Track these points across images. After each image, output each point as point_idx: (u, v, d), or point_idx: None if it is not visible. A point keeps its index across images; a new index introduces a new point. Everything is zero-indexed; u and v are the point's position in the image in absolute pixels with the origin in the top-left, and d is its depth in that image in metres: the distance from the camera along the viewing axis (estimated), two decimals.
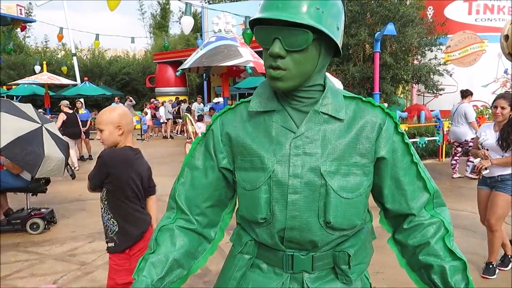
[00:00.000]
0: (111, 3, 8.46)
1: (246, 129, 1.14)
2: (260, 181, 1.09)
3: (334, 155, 1.07)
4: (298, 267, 1.12)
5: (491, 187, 3.54)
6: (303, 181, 1.05)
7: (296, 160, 1.06)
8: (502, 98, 3.50)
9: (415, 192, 1.16)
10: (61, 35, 17.95)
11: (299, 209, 1.06)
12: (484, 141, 3.60)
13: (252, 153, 1.11)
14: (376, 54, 9.45)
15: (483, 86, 13.92)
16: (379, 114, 1.12)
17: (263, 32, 1.02)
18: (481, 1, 13.83)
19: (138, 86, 26.25)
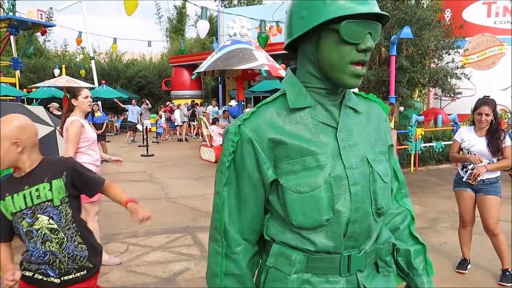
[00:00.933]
0: (128, 8, 8.60)
1: (286, 129, 1.08)
2: (319, 180, 1.05)
3: (369, 144, 1.14)
4: (355, 267, 1.10)
5: (476, 190, 3.57)
6: (358, 172, 1.08)
7: (346, 153, 1.08)
8: (486, 105, 3.47)
9: (394, 177, 1.30)
10: (80, 39, 18.31)
11: (360, 200, 1.08)
12: (471, 147, 3.58)
13: (303, 152, 1.06)
14: (392, 57, 9.36)
15: (502, 90, 13.64)
16: (380, 108, 1.26)
17: (357, 26, 1.00)
18: (500, 3, 13.59)
19: (154, 89, 26.55)
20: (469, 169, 3.56)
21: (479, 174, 3.46)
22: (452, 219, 5.35)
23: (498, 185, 3.54)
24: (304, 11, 1.04)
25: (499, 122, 3.56)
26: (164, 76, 25.78)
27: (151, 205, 6.29)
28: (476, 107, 3.54)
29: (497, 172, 3.54)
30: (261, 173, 1.08)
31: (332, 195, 1.05)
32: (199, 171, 9.44)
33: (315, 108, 1.10)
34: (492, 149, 3.47)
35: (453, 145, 3.78)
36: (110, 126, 19.34)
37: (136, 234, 4.97)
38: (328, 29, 1.02)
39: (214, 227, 1.14)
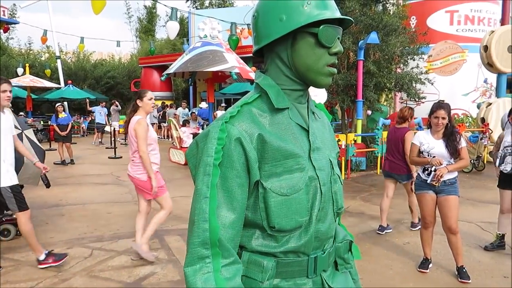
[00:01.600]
0: (96, 6, 8.41)
1: (270, 130, 1.05)
2: (301, 182, 1.06)
3: (329, 148, 1.21)
4: (320, 268, 1.14)
5: (437, 191, 3.70)
6: (325, 173, 1.13)
7: (315, 155, 1.12)
8: (442, 109, 3.61)
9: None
10: (45, 38, 17.75)
11: (326, 200, 1.13)
12: (431, 150, 3.70)
13: (286, 155, 1.05)
14: (360, 62, 9.58)
15: (464, 95, 14.21)
16: (325, 115, 1.34)
17: (332, 31, 1.07)
18: (462, 12, 14.16)
19: (123, 90, 26.03)
20: (432, 171, 3.69)
21: (442, 176, 3.58)
22: None
23: (457, 185, 3.71)
24: (283, 14, 1.05)
25: (453, 125, 3.71)
26: (134, 77, 25.34)
27: (117, 208, 6.16)
28: (432, 111, 3.67)
29: (455, 173, 3.70)
30: (250, 173, 1.01)
31: (309, 197, 1.08)
32: (168, 173, 9.32)
33: (292, 110, 1.12)
34: (451, 150, 3.62)
35: (412, 149, 3.88)
36: (76, 127, 18.81)
37: (101, 238, 4.85)
38: (305, 32, 1.06)
39: (201, 242, 0.96)
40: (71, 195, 7.13)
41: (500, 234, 4.42)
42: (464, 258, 3.89)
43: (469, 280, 3.63)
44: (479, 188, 7.53)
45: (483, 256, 4.26)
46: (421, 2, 14.24)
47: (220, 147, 0.99)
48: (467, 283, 3.61)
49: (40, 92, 21.92)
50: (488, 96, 14.17)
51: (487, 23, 14.34)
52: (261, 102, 1.09)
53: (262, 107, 1.08)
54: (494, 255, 4.29)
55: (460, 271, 3.71)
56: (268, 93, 1.08)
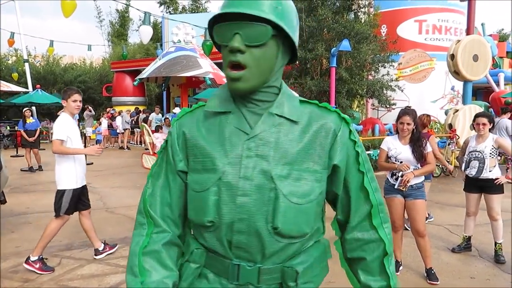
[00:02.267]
0: (66, 9, 8.23)
1: (200, 130, 1.12)
2: (209, 182, 1.06)
3: (286, 159, 1.05)
4: (244, 278, 1.08)
5: (405, 195, 3.78)
6: (254, 184, 1.04)
7: (248, 162, 1.04)
8: (406, 115, 3.73)
9: (358, 201, 1.15)
10: (12, 40, 17.23)
11: (248, 212, 1.04)
12: (398, 155, 3.79)
13: (204, 153, 1.09)
14: (332, 68, 9.74)
15: (432, 102, 14.65)
16: (334, 120, 1.12)
17: (223, 29, 1.02)
18: (430, 21, 14.65)
19: (94, 95, 25.51)
20: (399, 177, 3.78)
21: (409, 180, 3.68)
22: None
23: (423, 188, 3.82)
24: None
25: (420, 130, 3.83)
26: (105, 81, 24.88)
27: None
28: (398, 117, 3.80)
29: (422, 177, 3.81)
30: (175, 163, 1.15)
31: (219, 199, 1.05)
32: (140, 179, 9.17)
33: (235, 114, 1.09)
34: (417, 155, 3.72)
35: (380, 154, 3.99)
36: (45, 133, 18.28)
37: (70, 246, 4.71)
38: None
39: (139, 211, 1.20)
40: (39, 202, 6.90)
41: (467, 236, 4.56)
42: (432, 260, 4.00)
43: (438, 282, 3.72)
44: (447, 192, 7.76)
45: (451, 258, 4.39)
46: (391, 11, 14.65)
47: (166, 139, 1.20)
48: (436, 285, 3.71)
49: (7, 97, 21.18)
50: (455, 103, 14.67)
51: (454, 33, 14.88)
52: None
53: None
54: (461, 257, 4.42)
55: (429, 272, 3.80)
56: (212, 96, 1.15)
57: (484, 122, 4.30)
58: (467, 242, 4.57)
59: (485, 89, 17.58)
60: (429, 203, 6.76)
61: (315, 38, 10.94)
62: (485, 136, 4.33)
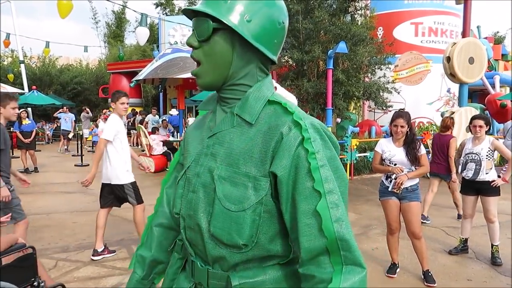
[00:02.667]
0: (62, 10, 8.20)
1: (192, 130, 1.21)
2: (179, 176, 1.13)
3: (229, 160, 0.99)
4: (197, 277, 1.08)
5: (400, 197, 3.78)
6: (200, 181, 1.04)
7: (203, 160, 1.07)
8: (400, 118, 3.73)
9: (307, 230, 0.89)
10: (8, 41, 17.14)
11: (194, 209, 1.04)
12: (392, 157, 3.78)
13: (186, 149, 1.18)
14: (329, 70, 9.76)
15: (428, 104, 14.71)
16: (287, 121, 0.95)
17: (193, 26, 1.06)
18: (426, 24, 14.71)
19: (90, 96, 25.46)
20: (392, 179, 3.78)
21: (402, 183, 3.68)
22: (384, 225, 5.61)
23: (418, 191, 3.80)
24: None
25: (414, 133, 3.82)
26: (102, 83, 24.83)
27: (84, 218, 5.97)
28: (392, 120, 3.80)
29: (416, 180, 3.80)
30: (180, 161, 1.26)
31: (183, 194, 1.09)
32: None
33: (214, 113, 1.13)
34: (411, 158, 3.72)
35: (374, 157, 3.97)
36: (41, 134, 18.19)
37: (66, 248, 4.69)
38: None
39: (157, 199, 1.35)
40: (35, 204, 6.86)
41: (463, 238, 4.58)
42: (430, 262, 4.01)
43: (435, 284, 3.73)
44: (444, 194, 7.77)
45: (447, 260, 4.40)
46: (387, 13, 14.70)
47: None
48: (433, 287, 3.71)
49: None
50: (451, 105, 14.73)
51: (450, 35, 14.95)
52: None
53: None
54: (458, 259, 4.43)
55: (426, 275, 3.80)
56: (205, 97, 1.24)
57: (480, 124, 4.32)
58: (464, 244, 4.58)
59: (480, 91, 17.66)
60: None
61: (312, 40, 10.96)
62: (482, 138, 4.35)
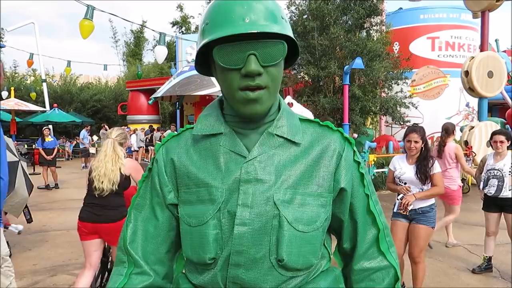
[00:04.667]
0: (84, 31, 8.46)
1: (190, 156, 1.01)
2: (208, 214, 0.94)
3: (288, 183, 0.95)
4: None
5: (410, 219, 3.52)
6: (254, 212, 0.92)
7: (247, 188, 0.93)
8: (414, 132, 3.49)
9: (365, 226, 1.05)
10: (31, 61, 17.72)
11: (246, 244, 0.92)
12: (402, 175, 3.56)
13: (198, 183, 0.98)
14: (345, 86, 9.76)
15: (447, 118, 14.49)
16: (338, 140, 1.03)
17: (230, 50, 0.89)
18: (443, 38, 14.64)
19: (109, 113, 25.94)
20: (398, 199, 3.53)
21: (408, 204, 3.40)
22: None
23: (432, 214, 3.50)
24: (199, 38, 0.97)
25: (428, 149, 3.56)
26: (120, 100, 25.30)
27: None
28: (405, 135, 3.56)
29: (431, 201, 3.51)
30: (163, 195, 1.03)
31: (221, 233, 0.94)
32: None
33: (228, 135, 0.99)
34: (420, 176, 3.45)
35: (388, 175, 3.79)
36: (61, 151, 18.57)
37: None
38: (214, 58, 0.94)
39: (119, 247, 1.06)
40: (55, 220, 6.97)
41: (487, 256, 4.45)
42: (452, 281, 3.91)
43: None
44: (465, 211, 7.61)
45: (471, 279, 4.28)
46: (403, 28, 14.70)
47: (149, 167, 1.07)
48: None
49: (25, 115, 21.70)
50: (470, 119, 14.51)
51: (467, 49, 14.83)
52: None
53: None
54: (482, 278, 4.31)
55: None
56: (198, 118, 1.04)
57: (501, 140, 4.24)
58: (488, 263, 4.45)
59: (500, 105, 17.36)
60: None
61: (328, 56, 11.01)
62: (504, 154, 4.27)
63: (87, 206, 3.21)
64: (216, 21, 0.91)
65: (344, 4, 11.45)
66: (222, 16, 0.90)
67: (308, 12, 11.57)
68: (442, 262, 4.74)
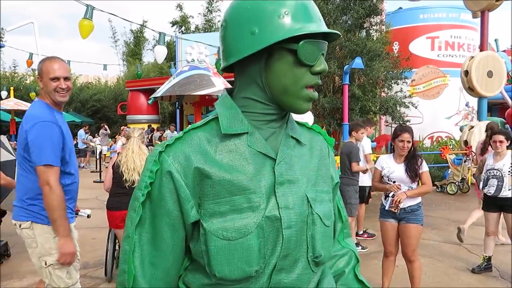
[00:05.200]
0: (84, 31, 8.45)
1: (214, 160, 0.89)
2: (251, 224, 0.86)
3: (311, 182, 0.98)
4: None
5: (399, 219, 3.54)
6: (295, 212, 0.91)
7: (283, 190, 0.91)
8: (407, 133, 3.53)
9: (336, 219, 1.14)
10: (31, 61, 17.69)
11: (292, 246, 0.90)
12: (391, 174, 3.59)
13: (233, 190, 0.88)
14: (345, 86, 9.75)
15: (447, 118, 14.52)
16: (324, 140, 1.11)
17: (313, 47, 0.90)
18: (443, 38, 14.64)
19: (109, 113, 25.93)
20: (389, 197, 3.55)
21: (400, 201, 3.44)
22: None
23: (420, 212, 3.55)
24: (255, 26, 0.87)
25: (415, 148, 3.63)
26: (120, 100, 25.28)
27: (103, 234, 6.03)
28: (397, 134, 3.57)
29: (418, 199, 3.56)
30: (183, 212, 0.89)
31: (264, 240, 0.87)
32: None
33: (253, 135, 0.92)
34: (410, 174, 3.50)
35: (374, 174, 3.80)
36: None
37: (86, 265, 4.73)
38: (283, 49, 0.89)
39: (121, 281, 0.92)
40: None
41: (487, 256, 4.46)
42: (452, 280, 3.92)
43: None
44: (465, 210, 7.61)
45: (471, 279, 4.28)
46: (403, 28, 14.69)
47: (150, 181, 0.89)
48: None
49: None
50: (470, 119, 14.51)
51: (467, 49, 14.83)
52: (214, 126, 0.94)
53: (213, 132, 0.93)
54: (482, 278, 4.31)
55: None
56: (219, 115, 0.93)
57: (501, 140, 4.25)
58: (488, 263, 4.46)
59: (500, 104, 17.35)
60: (447, 222, 6.65)
61: (328, 56, 11.00)
62: (503, 154, 4.27)
63: (115, 196, 3.70)
64: (298, 14, 0.88)
65: (344, 4, 11.44)
66: (303, 10, 0.89)
67: None
68: (442, 262, 4.74)
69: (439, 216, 7.17)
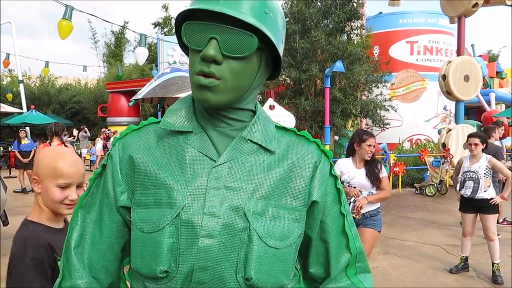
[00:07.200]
0: (62, 31, 8.31)
1: (152, 153, 0.89)
2: (164, 220, 0.82)
3: (261, 193, 0.86)
4: None
5: (357, 224, 3.48)
6: (221, 222, 0.82)
7: (214, 195, 0.83)
8: (373, 137, 3.53)
9: (338, 248, 0.96)
10: (7, 61, 17.32)
11: (213, 259, 0.81)
12: (351, 180, 3.55)
13: (157, 184, 0.86)
14: (326, 89, 9.86)
15: (425, 121, 14.81)
16: (314, 150, 0.95)
17: (196, 29, 0.80)
18: (421, 42, 14.95)
19: (89, 115, 25.53)
20: (351, 202, 3.48)
21: (362, 206, 3.41)
22: (384, 244, 5.60)
23: (378, 218, 3.54)
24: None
25: (374, 153, 3.60)
26: (100, 102, 24.91)
27: None
28: (364, 139, 3.53)
29: (377, 204, 3.56)
30: (115, 196, 0.91)
31: (178, 242, 0.82)
32: None
33: (197, 135, 0.88)
34: (372, 178, 3.49)
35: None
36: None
37: None
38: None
39: (64, 250, 0.94)
40: None
41: (464, 256, 4.56)
42: (430, 281, 3.98)
43: None
44: (443, 212, 7.77)
45: (448, 279, 4.36)
46: (383, 32, 14.94)
47: (104, 163, 0.95)
48: None
49: (1, 117, 21.16)
50: (448, 122, 14.83)
51: (445, 54, 15.17)
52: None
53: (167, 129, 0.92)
54: (459, 278, 4.40)
55: None
56: (167, 111, 0.93)
57: (476, 142, 4.35)
58: (465, 263, 4.56)
59: (476, 108, 17.81)
60: (425, 223, 6.77)
61: (309, 59, 11.10)
62: (479, 156, 4.38)
63: None
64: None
65: (325, 8, 11.58)
66: None
67: (289, 15, 11.66)
68: (420, 262, 4.82)
69: (418, 217, 7.29)
